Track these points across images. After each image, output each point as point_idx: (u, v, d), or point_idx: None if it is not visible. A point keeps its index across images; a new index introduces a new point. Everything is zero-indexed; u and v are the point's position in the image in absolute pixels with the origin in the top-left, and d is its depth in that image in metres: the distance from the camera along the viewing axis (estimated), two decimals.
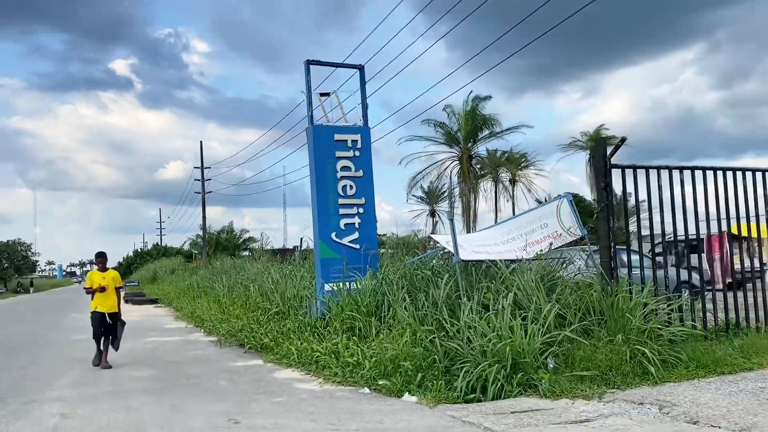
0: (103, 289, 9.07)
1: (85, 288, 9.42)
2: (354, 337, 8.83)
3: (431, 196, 53.29)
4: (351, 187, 11.36)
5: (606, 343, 6.93)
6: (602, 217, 8.32)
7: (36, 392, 7.49)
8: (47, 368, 9.44)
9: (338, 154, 11.34)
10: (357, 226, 11.35)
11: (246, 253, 50.17)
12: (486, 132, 42.61)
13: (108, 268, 9.41)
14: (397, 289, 9.35)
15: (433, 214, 54.27)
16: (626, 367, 6.67)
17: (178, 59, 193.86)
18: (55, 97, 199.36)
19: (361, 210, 11.39)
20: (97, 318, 9.26)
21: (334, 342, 8.53)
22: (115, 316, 9.39)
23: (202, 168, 49.78)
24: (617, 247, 8.72)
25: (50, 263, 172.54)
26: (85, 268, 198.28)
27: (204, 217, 45.96)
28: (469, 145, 42.68)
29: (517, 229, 9.64)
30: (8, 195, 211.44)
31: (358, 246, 11.21)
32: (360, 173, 11.44)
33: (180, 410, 6.25)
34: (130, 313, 21.86)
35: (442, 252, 10.60)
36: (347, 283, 10.64)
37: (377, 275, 10.50)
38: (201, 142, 50.50)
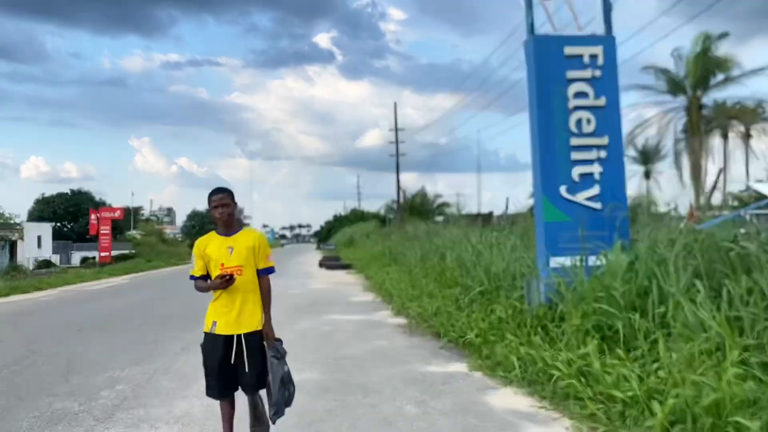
0: (228, 281, 3.93)
1: (192, 277, 4.25)
2: (606, 344, 5.68)
3: (647, 155, 46.66)
4: (588, 121, 7.99)
5: None
6: None
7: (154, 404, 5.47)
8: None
9: (570, 74, 8.01)
10: (597, 176, 7.98)
11: (440, 218, 48.47)
12: (720, 77, 35.34)
13: (243, 227, 4.23)
14: (676, 270, 5.94)
15: (647, 175, 47.58)
16: None
17: (375, 28, 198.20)
18: (268, 73, 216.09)
19: (602, 154, 7.99)
20: (218, 348, 4.00)
21: (579, 354, 5.43)
22: (257, 340, 4.07)
23: (396, 130, 48.79)
24: None
25: (265, 226, 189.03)
26: (294, 231, 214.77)
27: (398, 179, 44.65)
28: (698, 93, 35.77)
29: None
30: (230, 164, 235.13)
31: (599, 205, 7.89)
32: (601, 101, 8.02)
33: None
34: (320, 279, 20.68)
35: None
36: (585, 258, 7.44)
37: (634, 247, 7.15)
38: (395, 103, 48.81)
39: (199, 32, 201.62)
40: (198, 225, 74.44)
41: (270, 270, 4.19)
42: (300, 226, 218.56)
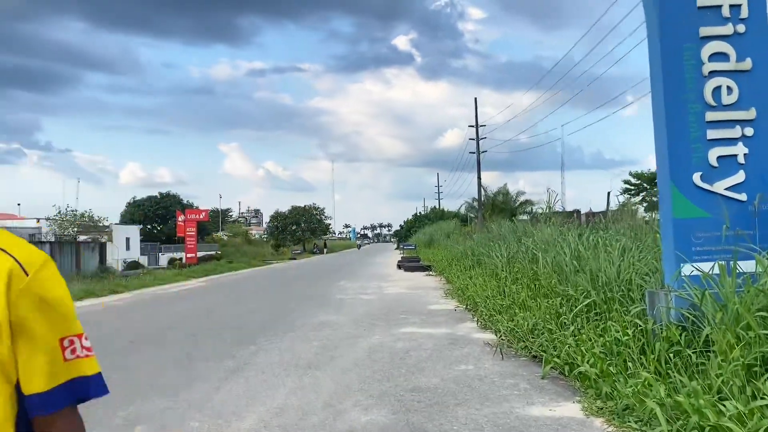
0: None
1: None
2: None
3: None
4: (729, 89, 6.24)
5: None
6: None
7: None
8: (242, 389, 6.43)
9: (704, 31, 6.29)
10: (741, 159, 6.21)
11: (524, 216, 46.30)
12: None
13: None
14: None
15: None
16: None
17: (454, 28, 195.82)
18: (348, 77, 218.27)
19: (748, 131, 6.22)
20: None
21: (750, 407, 3.80)
22: None
23: (477, 126, 47.06)
24: None
25: (347, 226, 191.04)
26: (375, 231, 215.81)
27: (479, 175, 42.88)
28: None
29: None
30: (313, 167, 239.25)
31: (743, 196, 6.15)
32: (746, 64, 6.25)
33: None
34: (398, 282, 19.41)
35: None
36: (733, 264, 5.73)
37: None
38: (475, 98, 46.81)
39: (282, 39, 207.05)
40: (281, 226, 75.37)
41: (79, 390, 1.15)
42: (381, 226, 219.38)
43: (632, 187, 43.46)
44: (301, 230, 70.40)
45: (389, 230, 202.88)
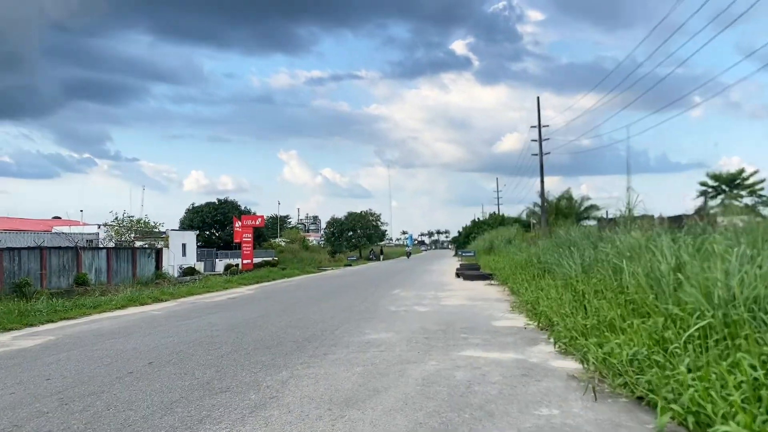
0: None
1: None
2: None
3: None
4: None
5: None
6: None
7: None
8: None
9: None
10: None
11: (590, 222, 43.88)
12: None
13: None
14: None
15: None
16: None
17: (512, 31, 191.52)
18: (404, 83, 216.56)
19: None
20: None
21: None
22: None
23: (539, 126, 45.03)
24: None
25: (404, 233, 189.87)
26: (432, 237, 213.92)
27: (542, 177, 40.82)
28: None
29: None
30: (370, 173, 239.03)
31: None
32: None
33: None
34: (456, 292, 17.83)
35: None
36: None
37: None
38: (538, 98, 44.74)
39: (339, 47, 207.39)
40: (337, 232, 74.76)
41: None
42: (438, 232, 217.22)
43: (710, 190, 40.54)
44: (357, 236, 69.48)
45: (446, 236, 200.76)
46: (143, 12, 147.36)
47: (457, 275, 25.98)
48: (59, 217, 62.46)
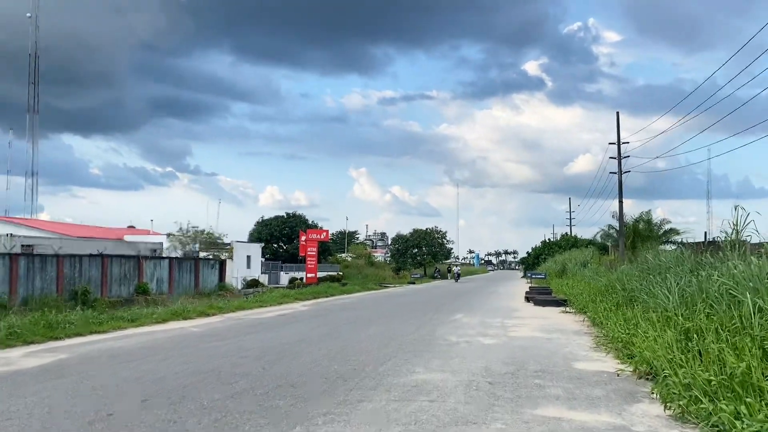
0: None
1: None
2: None
3: None
4: None
5: None
6: None
7: None
8: None
9: None
10: None
11: (670, 246, 40.50)
12: None
13: None
14: None
15: None
16: None
17: (587, 52, 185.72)
18: (475, 104, 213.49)
19: None
20: None
21: None
22: None
23: (619, 143, 42.03)
24: None
25: (471, 251, 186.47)
26: (500, 257, 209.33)
27: (620, 198, 37.90)
28: None
29: None
30: (439, 192, 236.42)
31: None
32: None
33: None
34: (527, 320, 15.79)
35: None
36: None
37: None
38: (617, 113, 41.62)
39: (412, 68, 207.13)
40: (402, 249, 73.19)
41: None
42: (506, 252, 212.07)
43: None
44: (421, 254, 67.59)
45: (514, 257, 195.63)
46: (226, 33, 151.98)
47: (527, 299, 23.77)
48: (133, 227, 63.80)
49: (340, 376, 7.48)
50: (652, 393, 6.48)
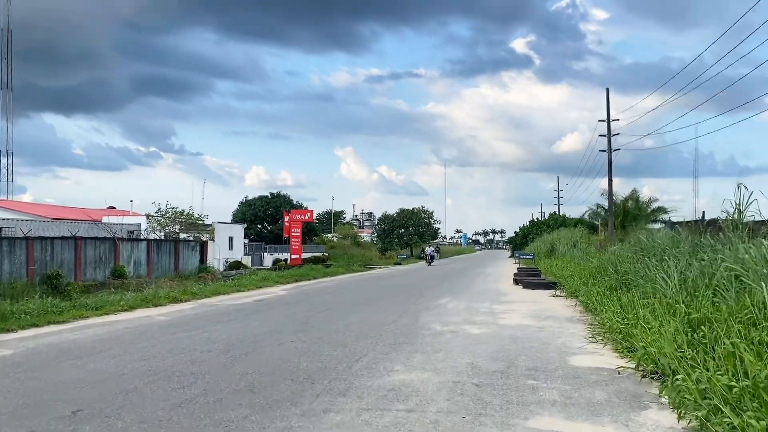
0: None
1: None
2: None
3: None
4: None
5: None
6: None
7: None
8: None
9: None
10: None
11: (658, 225, 40.06)
12: None
13: None
14: None
15: None
16: None
17: (575, 30, 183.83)
18: (463, 81, 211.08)
19: None
20: None
21: None
22: None
23: (608, 120, 41.28)
24: None
25: (458, 231, 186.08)
26: (487, 237, 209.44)
27: (610, 177, 37.22)
28: None
29: None
30: (426, 171, 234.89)
31: None
32: None
33: None
34: (516, 305, 15.04)
35: None
36: None
37: None
38: (607, 89, 40.77)
39: (399, 45, 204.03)
40: (388, 229, 72.35)
41: None
42: (493, 232, 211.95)
43: None
44: (408, 234, 66.84)
45: (502, 236, 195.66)
46: (210, 10, 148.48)
47: (515, 282, 23.05)
48: (114, 207, 62.35)
49: (308, 377, 6.63)
50: (660, 396, 5.71)
